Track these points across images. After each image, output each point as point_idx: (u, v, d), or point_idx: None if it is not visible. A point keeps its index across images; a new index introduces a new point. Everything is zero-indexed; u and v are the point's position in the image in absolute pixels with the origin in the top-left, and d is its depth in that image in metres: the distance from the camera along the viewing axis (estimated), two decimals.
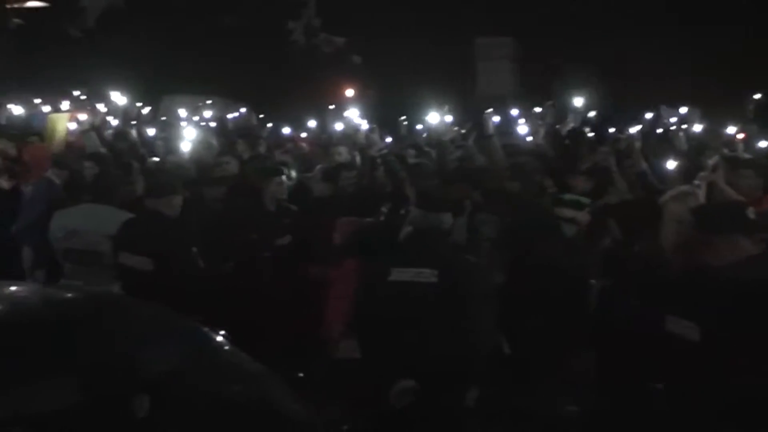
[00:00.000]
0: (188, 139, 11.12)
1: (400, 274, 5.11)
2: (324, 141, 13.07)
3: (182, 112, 19.13)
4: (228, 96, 25.76)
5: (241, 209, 7.48)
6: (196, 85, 27.53)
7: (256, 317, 6.65)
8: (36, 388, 3.67)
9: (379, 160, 9.71)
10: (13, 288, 5.16)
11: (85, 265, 6.71)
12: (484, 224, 6.91)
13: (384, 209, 7.36)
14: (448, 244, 5.42)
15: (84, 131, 11.90)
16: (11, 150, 10.30)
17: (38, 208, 8.11)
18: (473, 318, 4.99)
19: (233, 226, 7.26)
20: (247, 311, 6.64)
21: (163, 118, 19.23)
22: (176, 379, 4.14)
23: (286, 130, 16.22)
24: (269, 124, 18.23)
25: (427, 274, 5.02)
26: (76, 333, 4.00)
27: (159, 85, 28.98)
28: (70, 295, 5.04)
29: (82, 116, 12.84)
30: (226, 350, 4.55)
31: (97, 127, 12.13)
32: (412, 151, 10.65)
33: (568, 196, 7.06)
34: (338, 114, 15.60)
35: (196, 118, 17.43)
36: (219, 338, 4.60)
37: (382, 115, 18.16)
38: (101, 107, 16.11)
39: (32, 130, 12.92)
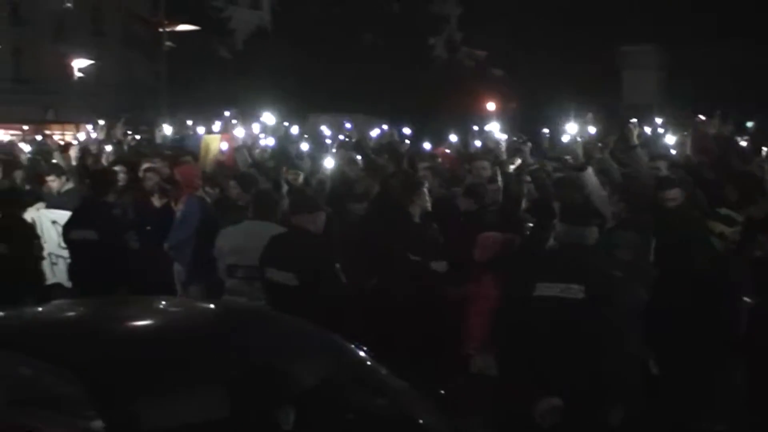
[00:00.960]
0: (332, 156, 11.30)
1: (545, 289, 5.03)
2: (465, 155, 13.04)
3: (326, 130, 19.49)
4: (370, 112, 26.11)
5: (386, 224, 7.53)
6: (340, 102, 28.06)
7: (398, 332, 6.68)
8: (186, 401, 3.82)
9: (528, 177, 9.58)
10: (165, 303, 5.40)
11: (248, 281, 6.92)
12: (619, 243, 6.68)
13: (529, 224, 7.27)
14: (595, 259, 5.32)
15: (236, 149, 12.27)
16: (164, 169, 10.72)
17: (190, 225, 8.37)
18: (620, 334, 4.88)
19: (377, 241, 7.33)
20: (390, 326, 6.69)
21: (306, 136, 19.64)
22: (321, 394, 4.24)
23: (427, 145, 16.30)
24: (407, 140, 18.38)
25: (575, 290, 4.93)
26: (224, 347, 4.15)
27: (305, 104, 29.66)
28: (218, 309, 5.23)
29: (235, 135, 13.26)
30: (369, 365, 4.62)
31: (248, 146, 12.50)
32: (553, 164, 10.48)
33: (724, 211, 6.81)
34: (481, 128, 15.57)
35: (340, 136, 17.72)
36: (362, 353, 4.67)
37: (524, 128, 18.02)
38: (252, 126, 16.57)
39: (185, 150, 13.39)
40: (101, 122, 13.52)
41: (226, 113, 18.98)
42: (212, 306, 5.58)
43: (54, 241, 9.13)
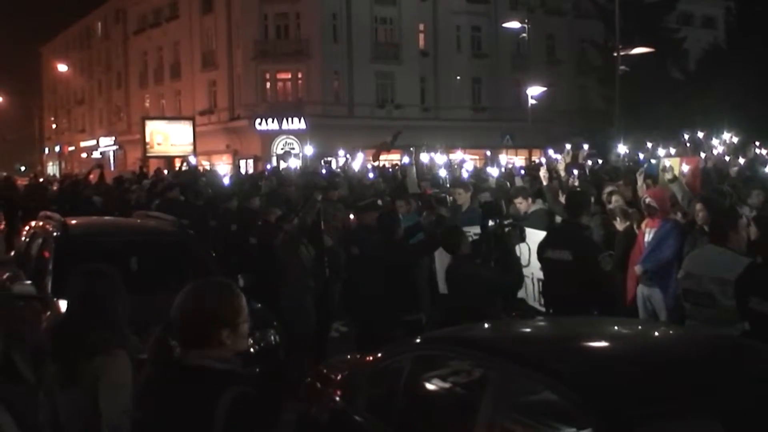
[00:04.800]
0: None
1: None
2: None
3: None
4: None
5: None
6: None
7: None
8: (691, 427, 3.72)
9: None
10: (658, 327, 5.32)
11: (699, 307, 6.68)
12: None
13: None
14: None
15: (702, 170, 11.90)
16: (627, 192, 10.68)
17: (668, 249, 8.23)
18: None
19: None
20: None
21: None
22: None
23: None
24: None
25: None
26: (723, 377, 3.99)
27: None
28: (714, 338, 5.07)
29: (697, 158, 12.89)
30: None
31: (709, 168, 12.09)
32: None
33: None
34: None
35: None
36: None
37: None
38: (714, 148, 16.00)
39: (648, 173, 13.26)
40: (567, 146, 13.85)
41: (685, 135, 18.52)
42: (707, 334, 5.46)
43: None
